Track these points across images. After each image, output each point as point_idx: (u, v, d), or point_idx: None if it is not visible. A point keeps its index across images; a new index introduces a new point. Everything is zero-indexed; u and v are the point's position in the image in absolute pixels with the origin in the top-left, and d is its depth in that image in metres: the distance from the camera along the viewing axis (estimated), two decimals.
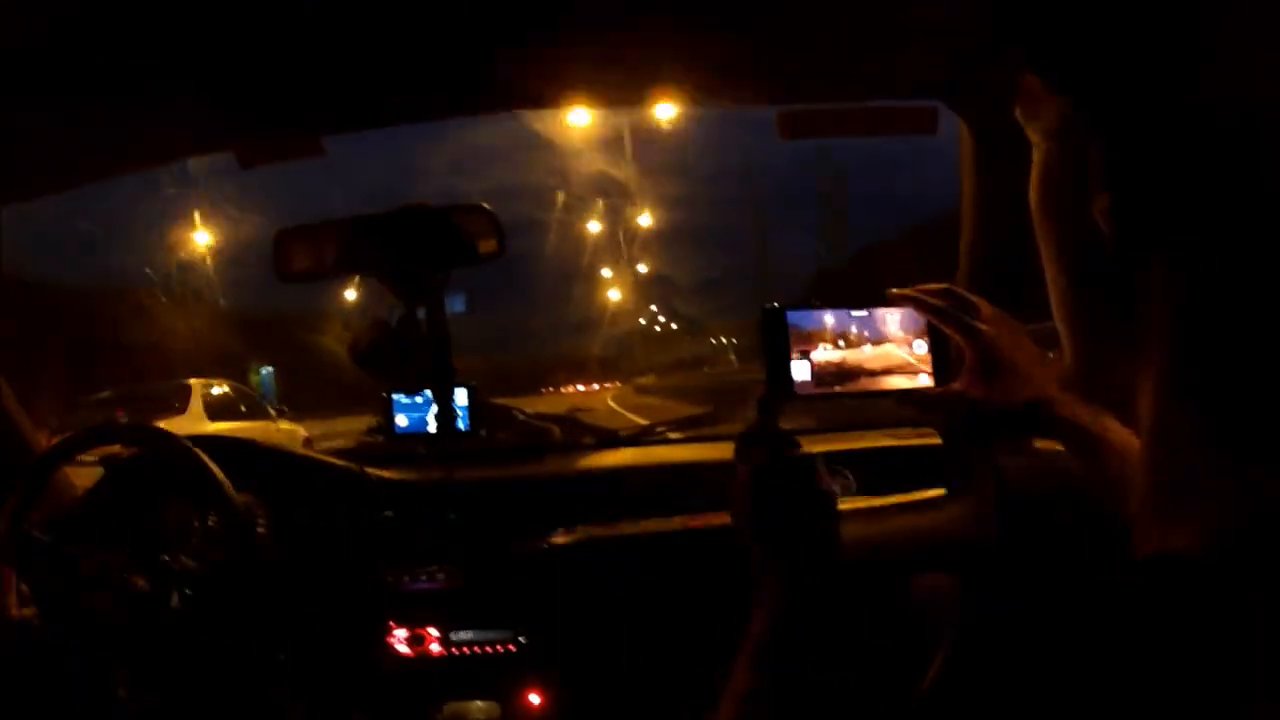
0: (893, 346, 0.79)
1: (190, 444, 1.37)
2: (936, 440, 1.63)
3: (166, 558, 1.33)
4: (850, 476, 1.61)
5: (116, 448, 1.54)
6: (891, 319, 0.79)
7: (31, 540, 1.33)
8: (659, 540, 1.54)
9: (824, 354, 0.76)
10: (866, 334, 0.78)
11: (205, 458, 1.35)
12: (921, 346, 0.79)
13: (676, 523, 1.56)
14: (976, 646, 0.45)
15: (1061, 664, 0.38)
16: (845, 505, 1.53)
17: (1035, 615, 0.43)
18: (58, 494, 1.56)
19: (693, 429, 2.26)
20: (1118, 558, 0.43)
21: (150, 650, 1.31)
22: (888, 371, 0.78)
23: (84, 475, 1.61)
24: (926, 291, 0.78)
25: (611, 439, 2.06)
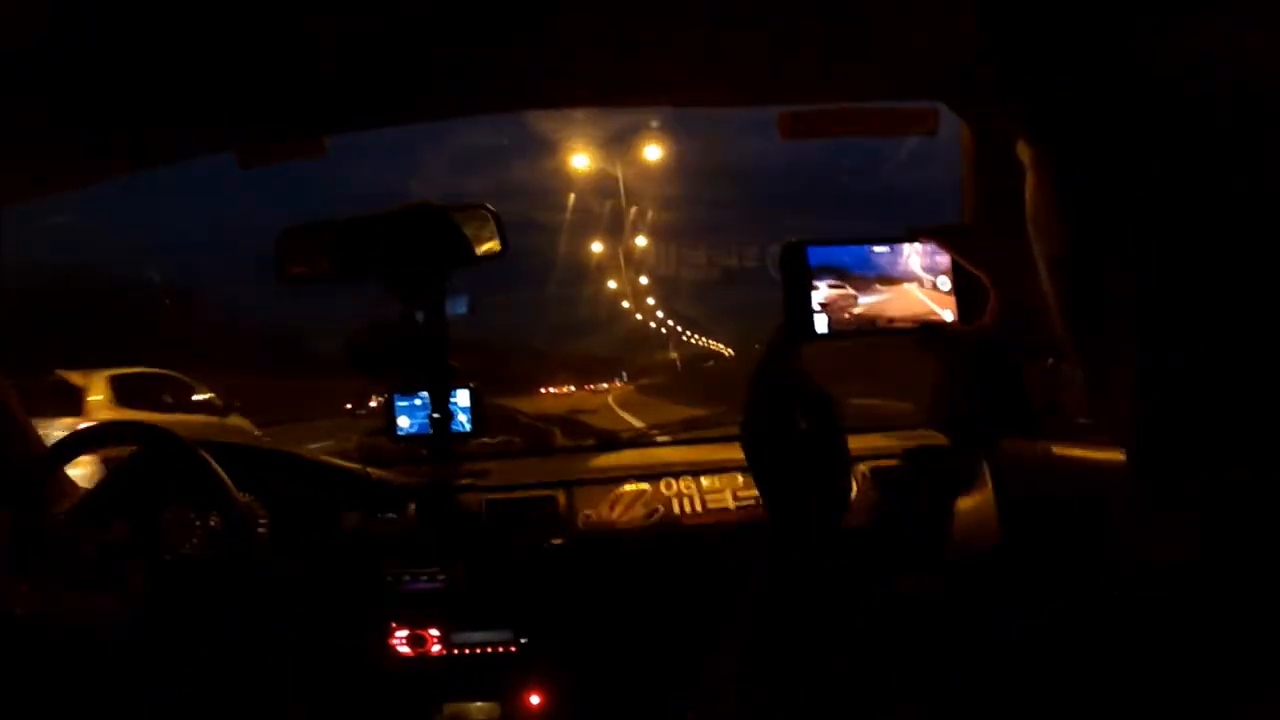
0: (915, 285, 0.76)
1: (192, 444, 1.37)
2: (937, 441, 1.63)
3: (168, 557, 1.33)
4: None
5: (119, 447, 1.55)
6: (915, 256, 0.76)
7: (35, 536, 1.33)
8: (660, 541, 1.54)
9: (846, 291, 0.73)
10: (890, 270, 0.75)
11: (207, 458, 1.36)
12: (945, 283, 0.77)
13: (678, 524, 1.56)
14: (973, 650, 0.45)
15: (1062, 673, 0.38)
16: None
17: (1037, 623, 0.43)
18: (60, 493, 1.56)
19: (694, 430, 2.26)
20: (1111, 565, 0.43)
21: (151, 649, 1.31)
22: (910, 310, 0.76)
23: (86, 475, 1.61)
24: (951, 228, 0.76)
25: (613, 441, 2.06)
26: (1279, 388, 0.36)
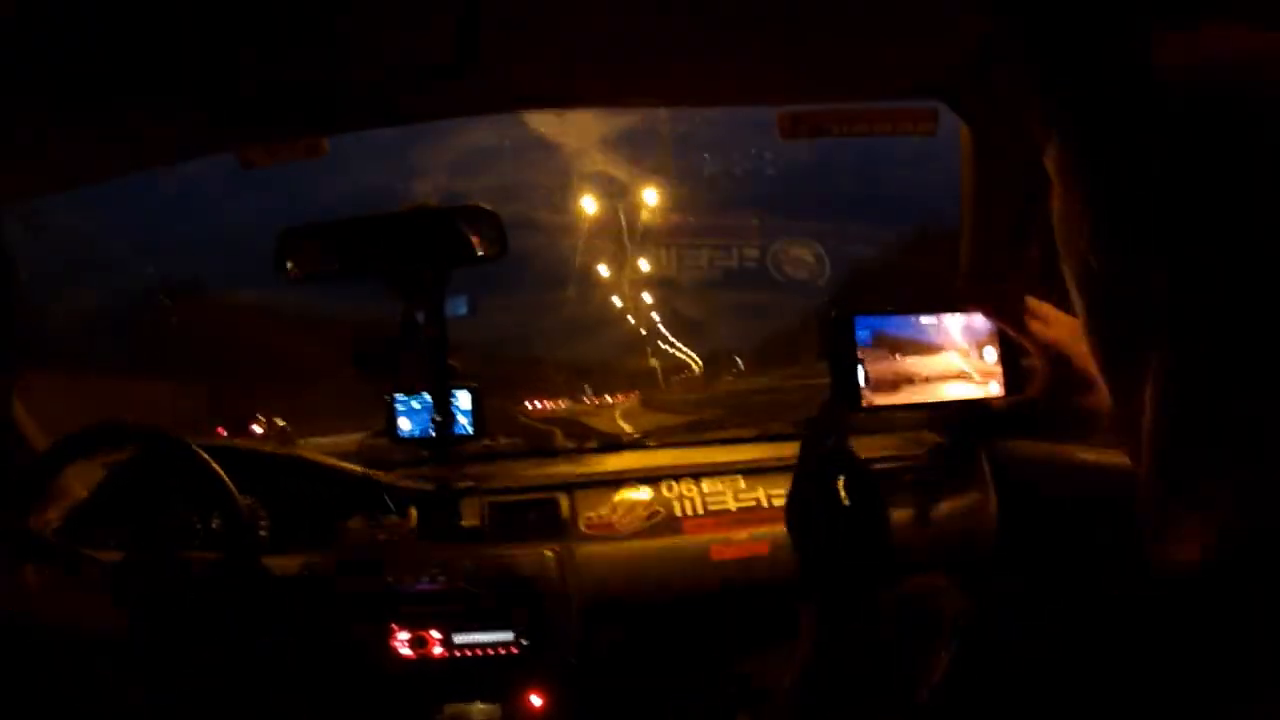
0: (960, 355, 0.75)
1: (194, 445, 1.37)
2: (937, 441, 1.63)
3: (169, 558, 1.33)
4: None
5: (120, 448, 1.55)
6: (961, 325, 0.75)
7: (33, 538, 1.33)
8: (661, 542, 1.54)
9: (892, 363, 0.72)
10: (936, 341, 0.74)
11: (208, 459, 1.35)
12: (992, 354, 0.76)
13: (679, 526, 1.56)
14: (978, 652, 0.44)
15: (1062, 673, 0.38)
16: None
17: (1036, 623, 0.43)
18: (60, 494, 1.56)
19: (695, 434, 2.26)
20: (1119, 565, 0.43)
21: (150, 650, 1.31)
22: (957, 380, 0.75)
23: (87, 475, 1.61)
24: (999, 297, 0.75)
25: (614, 443, 2.06)
26: None
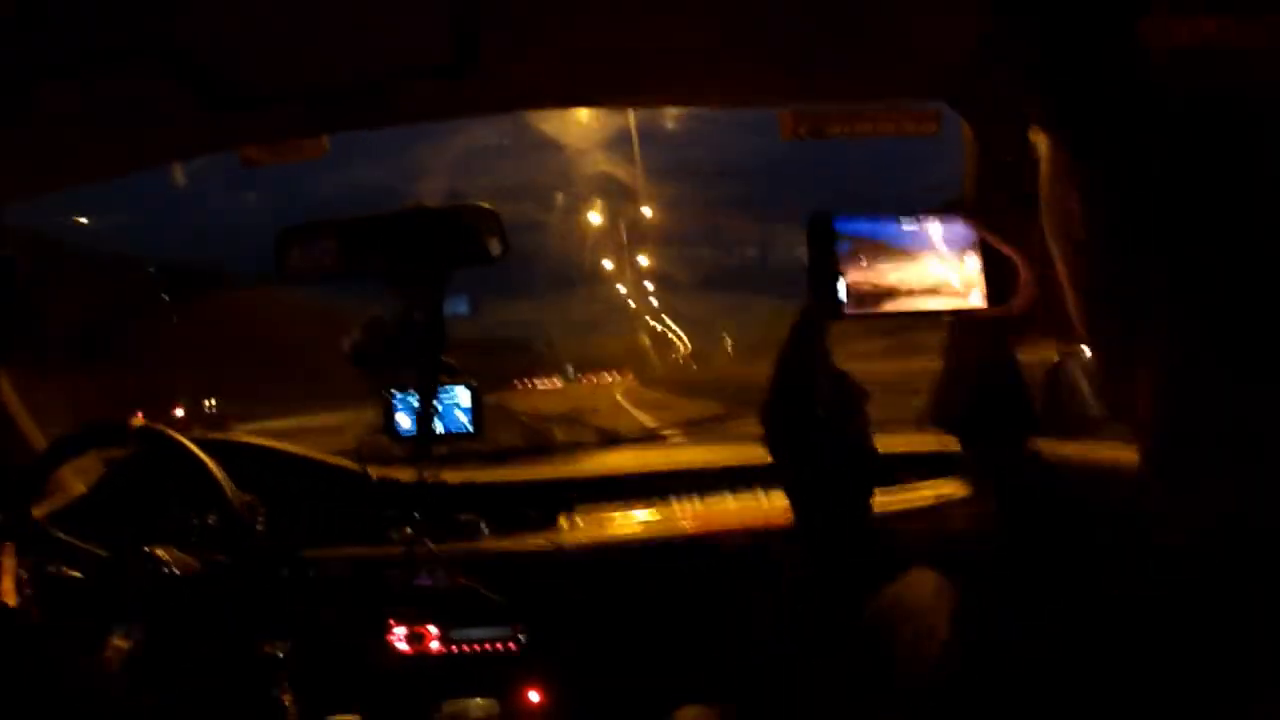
0: (942, 261, 0.72)
1: (190, 443, 1.37)
2: (937, 441, 1.63)
3: (165, 556, 1.33)
4: None
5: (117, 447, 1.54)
6: (943, 232, 0.73)
7: (32, 535, 1.33)
8: (660, 541, 1.54)
9: (872, 268, 0.69)
10: (917, 247, 0.72)
11: (205, 456, 1.35)
12: (974, 262, 0.74)
13: (678, 524, 1.56)
14: (978, 652, 0.45)
15: (1062, 672, 0.38)
16: None
17: (1036, 623, 0.43)
18: (59, 491, 1.56)
19: (695, 430, 2.26)
20: (1119, 565, 0.43)
21: (148, 647, 1.31)
22: (938, 288, 0.72)
23: (85, 473, 1.61)
24: (980, 205, 0.75)
25: (614, 439, 2.06)
26: None
